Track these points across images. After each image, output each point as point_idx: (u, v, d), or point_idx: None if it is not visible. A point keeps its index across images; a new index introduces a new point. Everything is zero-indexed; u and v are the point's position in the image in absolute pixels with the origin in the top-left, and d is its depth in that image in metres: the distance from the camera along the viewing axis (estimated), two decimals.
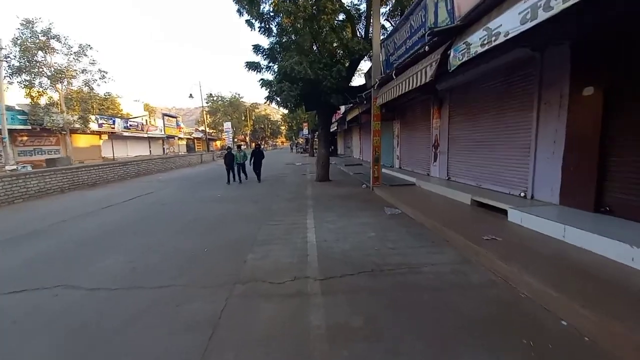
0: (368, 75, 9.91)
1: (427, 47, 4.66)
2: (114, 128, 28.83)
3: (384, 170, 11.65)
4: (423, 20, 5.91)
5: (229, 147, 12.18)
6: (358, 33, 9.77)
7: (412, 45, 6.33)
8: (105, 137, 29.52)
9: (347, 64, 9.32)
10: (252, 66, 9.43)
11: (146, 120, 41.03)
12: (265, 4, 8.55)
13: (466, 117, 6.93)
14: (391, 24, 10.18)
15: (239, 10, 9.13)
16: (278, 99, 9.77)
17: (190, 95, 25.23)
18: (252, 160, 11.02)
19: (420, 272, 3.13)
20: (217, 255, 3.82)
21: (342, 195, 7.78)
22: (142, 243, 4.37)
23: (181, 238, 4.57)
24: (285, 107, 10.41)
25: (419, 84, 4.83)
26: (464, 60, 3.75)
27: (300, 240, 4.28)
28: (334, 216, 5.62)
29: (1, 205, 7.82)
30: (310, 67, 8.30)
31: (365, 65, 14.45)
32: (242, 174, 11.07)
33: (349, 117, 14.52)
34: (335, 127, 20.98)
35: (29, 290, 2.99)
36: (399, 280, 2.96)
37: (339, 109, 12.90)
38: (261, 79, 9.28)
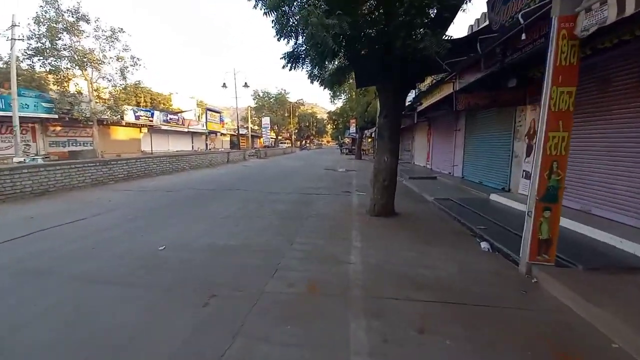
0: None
1: None
2: (152, 121, 27.49)
3: (478, 193, 6.11)
4: None
5: None
6: None
7: None
8: (145, 130, 28.50)
9: None
10: None
11: (198, 116, 40.55)
12: None
13: None
14: None
15: None
16: (305, 54, 5.14)
17: (224, 85, 22.24)
18: None
19: None
20: None
21: (452, 301, 2.73)
22: None
23: None
24: (319, 73, 5.69)
25: None
26: None
27: None
28: None
29: None
30: None
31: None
32: None
33: (425, 104, 9.16)
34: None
35: None
36: None
37: (420, 83, 7.52)
38: (274, 20, 4.64)
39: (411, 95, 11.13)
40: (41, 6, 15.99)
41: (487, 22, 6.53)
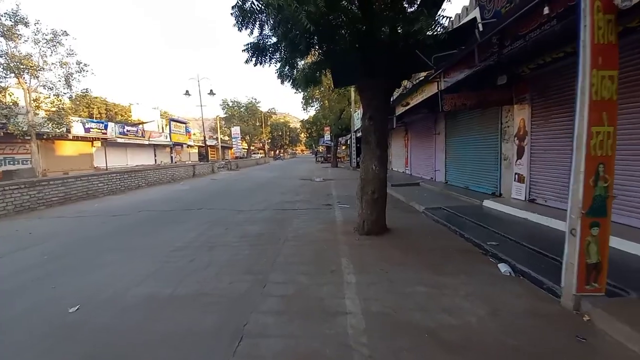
0: None
1: None
2: (105, 133, 24.89)
3: (468, 200, 5.48)
4: None
5: None
6: None
7: None
8: (98, 144, 25.73)
9: None
10: None
11: (162, 127, 37.82)
12: None
13: None
14: None
15: None
16: (274, 46, 4.36)
17: (187, 92, 20.65)
18: None
19: None
20: None
21: None
22: None
23: None
24: (290, 72, 4.98)
25: None
26: None
27: None
28: None
29: None
30: None
31: None
32: None
33: (404, 107, 8.65)
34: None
35: None
36: None
37: (408, 79, 6.85)
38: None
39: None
40: None
41: (468, 18, 6.14)
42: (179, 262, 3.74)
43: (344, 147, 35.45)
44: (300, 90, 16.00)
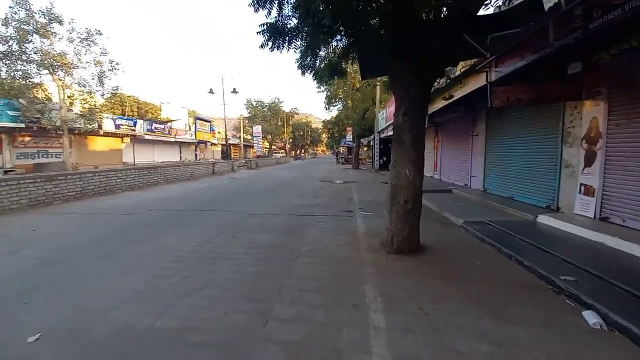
0: None
1: None
2: (134, 130, 25.74)
3: (516, 213, 4.37)
4: None
5: None
6: None
7: None
8: (127, 140, 26.69)
9: None
10: None
11: (189, 125, 38.91)
12: None
13: None
14: None
15: None
16: (296, 29, 3.76)
17: (211, 90, 20.75)
18: None
19: None
20: None
21: None
22: None
23: None
24: (312, 62, 4.41)
25: None
26: None
27: None
28: None
29: None
30: None
31: None
32: None
33: (450, 98, 7.58)
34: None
35: None
36: None
37: (454, 66, 5.92)
38: None
39: None
40: (10, 7, 14.49)
41: None
42: (172, 279, 3.17)
43: (365, 149, 34.40)
44: (323, 83, 15.32)
